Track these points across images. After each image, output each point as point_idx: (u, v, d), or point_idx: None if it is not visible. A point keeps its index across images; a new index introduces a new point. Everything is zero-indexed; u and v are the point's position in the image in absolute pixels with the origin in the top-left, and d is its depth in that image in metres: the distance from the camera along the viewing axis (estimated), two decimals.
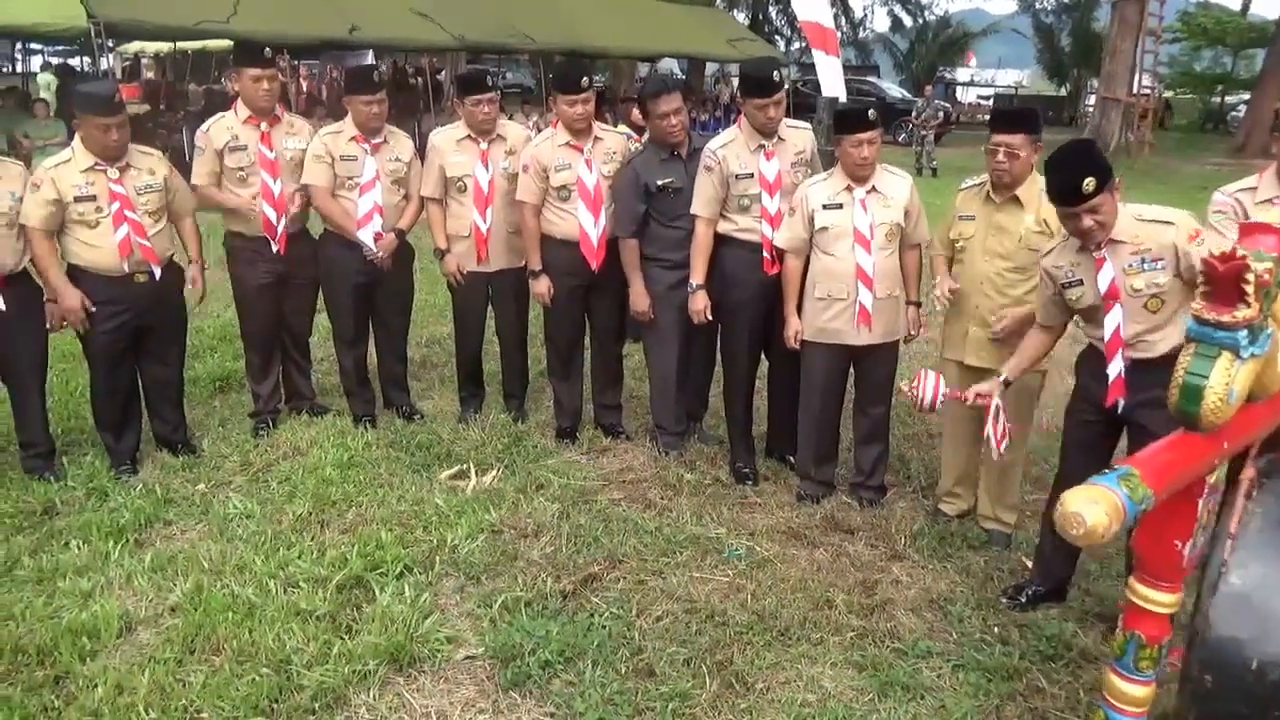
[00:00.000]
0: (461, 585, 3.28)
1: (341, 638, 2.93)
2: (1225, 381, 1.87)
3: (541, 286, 4.29)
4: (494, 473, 4.11)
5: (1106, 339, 2.90)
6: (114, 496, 3.82)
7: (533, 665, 2.81)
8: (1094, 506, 1.70)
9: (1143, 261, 2.81)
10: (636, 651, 2.91)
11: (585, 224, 4.15)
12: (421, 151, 4.48)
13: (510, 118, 10.06)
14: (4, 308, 3.74)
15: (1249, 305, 1.85)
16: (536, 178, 4.15)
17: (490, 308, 4.61)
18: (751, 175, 3.84)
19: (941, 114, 16.65)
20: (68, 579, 3.23)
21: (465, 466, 4.16)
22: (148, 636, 2.97)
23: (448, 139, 4.38)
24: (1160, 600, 2.00)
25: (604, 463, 4.30)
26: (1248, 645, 1.90)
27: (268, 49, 4.26)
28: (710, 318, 3.98)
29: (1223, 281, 1.87)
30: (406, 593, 3.16)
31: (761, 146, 3.85)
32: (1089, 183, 2.70)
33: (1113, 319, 2.87)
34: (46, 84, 15.49)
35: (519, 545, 3.53)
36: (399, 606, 3.06)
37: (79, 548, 3.44)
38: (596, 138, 4.19)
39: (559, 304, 4.34)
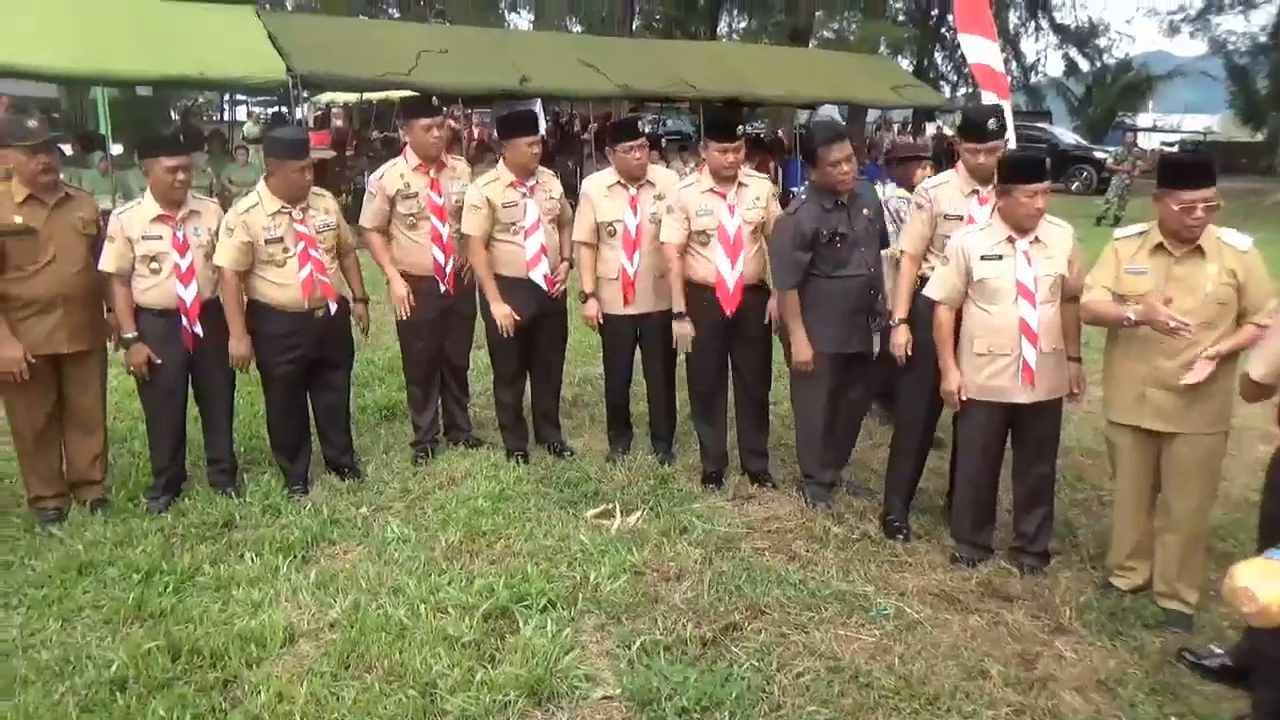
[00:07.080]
0: (602, 624, 3.30)
1: (484, 666, 2.99)
2: None
3: (686, 328, 4.30)
4: (639, 513, 4.13)
5: None
6: (286, 514, 4.08)
7: (669, 711, 2.78)
8: (1268, 582, 1.50)
9: None
10: (775, 707, 2.84)
11: (722, 269, 4.18)
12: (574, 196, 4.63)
13: (669, 165, 10.26)
14: (201, 333, 4.07)
15: None
16: (680, 220, 4.21)
17: (639, 349, 4.68)
18: (961, 218, 3.79)
19: (1139, 162, 15.96)
20: (241, 589, 3.46)
21: (611, 505, 4.20)
22: (308, 649, 3.13)
23: (598, 185, 4.51)
24: None
25: (749, 510, 4.24)
26: None
27: (435, 99, 4.51)
28: (911, 353, 3.88)
29: None
30: (549, 627, 3.20)
31: (976, 191, 3.81)
32: None
33: None
34: (249, 131, 16.95)
35: (660, 588, 3.52)
36: (540, 640, 3.11)
37: (253, 560, 3.68)
38: (741, 184, 4.22)
39: (699, 347, 4.34)
